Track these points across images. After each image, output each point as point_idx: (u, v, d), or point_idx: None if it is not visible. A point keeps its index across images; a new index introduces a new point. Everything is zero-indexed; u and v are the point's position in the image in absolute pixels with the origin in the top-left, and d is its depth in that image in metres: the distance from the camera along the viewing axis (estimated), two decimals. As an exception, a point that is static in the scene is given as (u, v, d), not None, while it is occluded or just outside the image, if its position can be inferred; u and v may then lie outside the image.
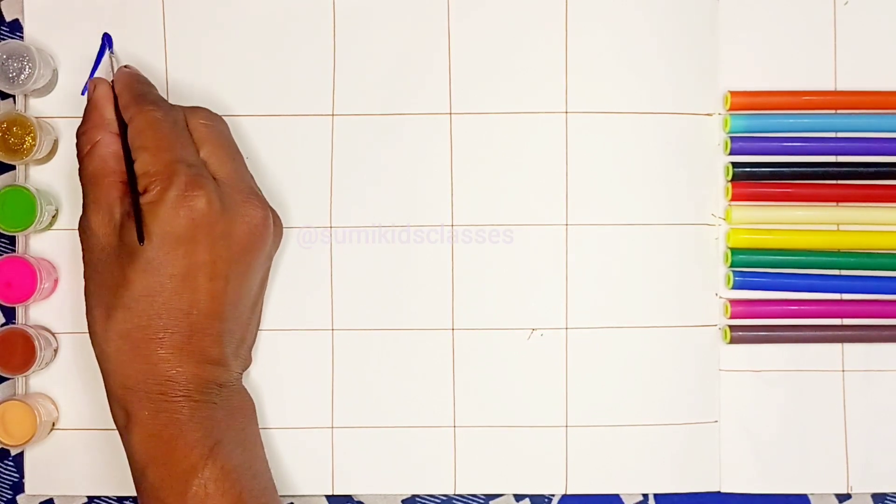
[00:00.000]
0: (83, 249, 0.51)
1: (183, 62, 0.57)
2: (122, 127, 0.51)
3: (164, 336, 0.49)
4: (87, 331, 0.56)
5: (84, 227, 0.50)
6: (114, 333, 0.49)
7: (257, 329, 0.56)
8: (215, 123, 0.53)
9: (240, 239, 0.51)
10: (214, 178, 0.51)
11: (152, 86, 0.54)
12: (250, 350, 0.55)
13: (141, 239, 0.48)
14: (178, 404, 0.49)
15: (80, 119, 0.52)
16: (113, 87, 0.53)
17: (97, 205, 0.50)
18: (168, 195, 0.48)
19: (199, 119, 0.52)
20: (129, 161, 0.50)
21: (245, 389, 0.53)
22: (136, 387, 0.49)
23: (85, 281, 0.51)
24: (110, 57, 0.56)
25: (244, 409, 0.52)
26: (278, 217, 0.54)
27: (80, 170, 0.51)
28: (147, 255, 0.48)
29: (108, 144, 0.51)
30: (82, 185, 0.51)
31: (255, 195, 0.52)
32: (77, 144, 0.52)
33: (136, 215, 0.49)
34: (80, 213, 0.51)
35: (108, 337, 0.49)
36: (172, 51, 0.57)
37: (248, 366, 0.55)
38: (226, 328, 0.51)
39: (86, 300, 0.51)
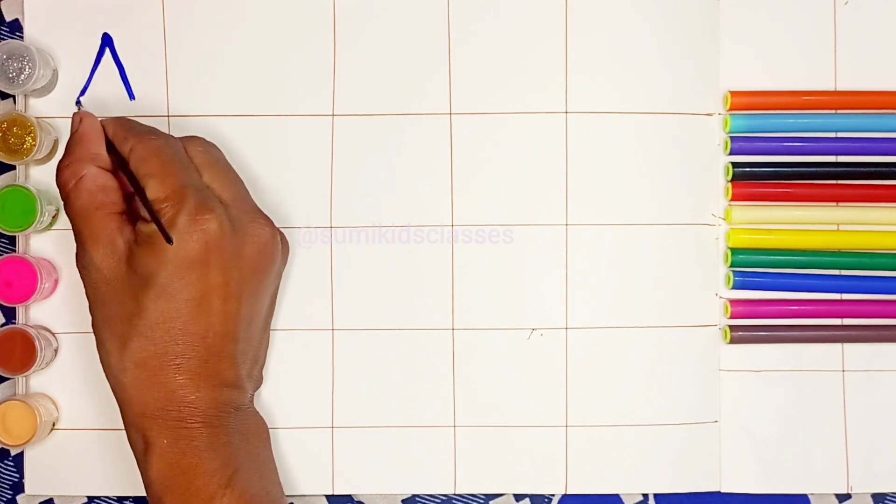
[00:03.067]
0: (86, 285, 0.50)
1: (183, 62, 0.57)
2: (117, 160, 0.51)
3: (182, 361, 0.49)
4: (87, 331, 0.56)
5: (85, 264, 0.50)
6: (130, 363, 0.49)
7: (267, 348, 0.56)
8: (212, 150, 0.53)
9: (250, 259, 0.51)
10: (220, 201, 0.51)
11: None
12: (262, 370, 0.55)
13: (169, 240, 0.48)
14: (197, 431, 0.49)
15: (63, 152, 0.51)
16: (104, 128, 0.52)
17: (95, 239, 0.49)
18: (179, 219, 0.48)
19: (196, 147, 0.52)
20: (138, 190, 0.49)
21: (258, 412, 0.53)
22: (154, 414, 0.49)
23: (92, 315, 0.50)
24: (78, 108, 0.55)
25: (259, 432, 0.52)
26: (284, 235, 0.54)
27: (65, 205, 0.50)
28: (161, 282, 0.48)
29: (95, 177, 0.50)
30: (71, 220, 0.50)
31: (260, 215, 0.52)
32: (59, 179, 0.50)
33: (157, 224, 0.48)
34: (75, 248, 0.50)
35: (125, 367, 0.49)
36: (172, 51, 0.57)
37: (259, 386, 0.55)
38: (240, 349, 0.51)
39: (95, 334, 0.50)
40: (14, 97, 0.56)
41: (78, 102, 0.56)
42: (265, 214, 0.52)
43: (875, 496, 0.58)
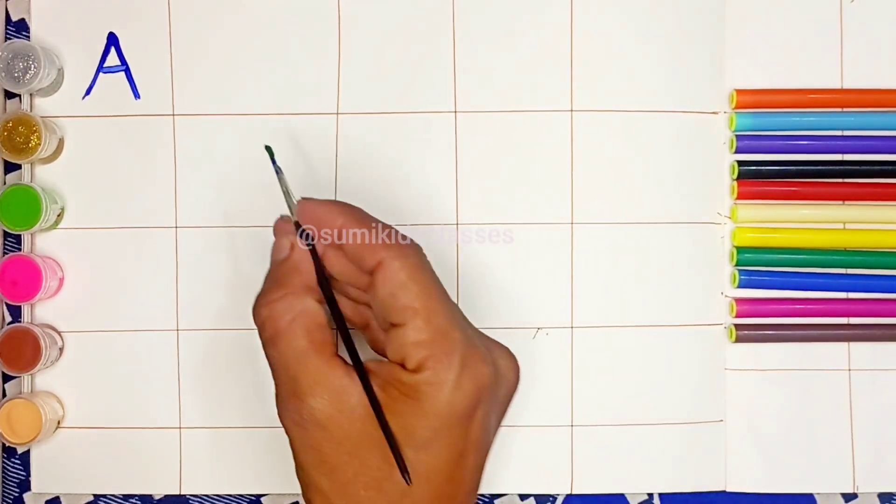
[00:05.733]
0: (297, 444, 0.43)
1: (188, 61, 0.57)
2: (327, 293, 0.44)
3: None
4: (92, 329, 0.56)
5: (301, 418, 0.42)
6: None
7: None
8: (422, 260, 0.45)
9: (503, 401, 0.45)
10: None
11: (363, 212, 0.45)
12: None
13: (407, 478, 0.41)
14: None
15: (266, 283, 0.44)
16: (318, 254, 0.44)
17: (317, 389, 0.41)
18: (450, 375, 0.41)
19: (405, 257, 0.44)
20: (347, 340, 0.43)
21: None
22: None
23: (306, 472, 0.43)
24: (280, 179, 0.47)
25: None
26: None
27: (271, 348, 0.43)
28: (419, 440, 0.41)
29: (315, 315, 0.43)
30: (279, 367, 0.43)
31: (500, 347, 0.46)
32: (261, 316, 0.43)
33: (388, 440, 0.41)
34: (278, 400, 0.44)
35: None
36: (178, 50, 0.57)
37: None
38: (472, 502, 0.45)
39: (311, 497, 0.43)
40: (20, 96, 0.56)
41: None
42: (499, 343, 0.46)
43: (882, 496, 0.58)
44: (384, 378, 0.42)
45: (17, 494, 0.58)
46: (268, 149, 0.48)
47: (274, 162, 0.48)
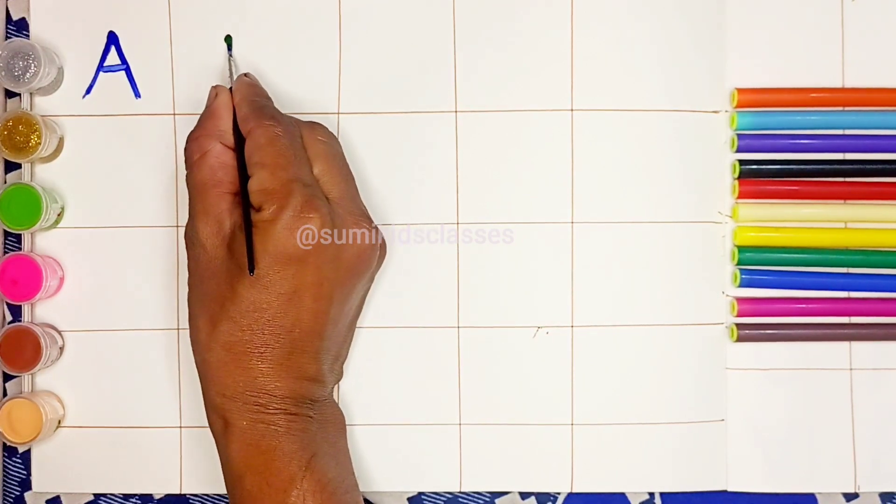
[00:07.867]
0: (189, 257, 0.51)
1: (188, 61, 0.57)
2: (239, 140, 0.51)
3: (266, 351, 0.49)
4: (92, 329, 0.56)
5: (191, 236, 0.50)
6: (217, 344, 0.49)
7: (350, 345, 0.56)
8: (331, 141, 0.53)
9: (347, 261, 0.51)
10: (327, 198, 0.51)
11: (270, 98, 0.54)
12: (343, 365, 0.55)
13: (251, 268, 0.48)
14: (276, 416, 0.49)
15: (195, 124, 0.52)
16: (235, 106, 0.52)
17: (206, 215, 0.50)
18: (283, 215, 0.48)
19: (317, 135, 0.52)
20: (242, 176, 0.50)
21: (336, 403, 0.54)
22: (234, 396, 0.49)
23: (189, 288, 0.51)
24: (229, 61, 0.56)
25: (336, 422, 0.53)
26: (383, 238, 0.54)
27: (188, 176, 0.51)
28: (257, 273, 0.48)
29: (219, 154, 0.51)
30: (189, 191, 0.51)
31: (365, 218, 0.52)
32: (186, 150, 0.51)
33: (247, 240, 0.48)
34: (187, 219, 0.51)
35: (212, 347, 0.49)
36: (178, 50, 0.57)
37: (339, 380, 0.55)
38: (324, 346, 0.51)
39: (189, 307, 0.51)
40: (20, 95, 0.56)
41: (227, 48, 0.57)
42: (370, 217, 0.53)
43: (883, 495, 0.57)
44: (239, 219, 0.50)
45: (17, 493, 0.58)
46: (227, 38, 0.57)
47: (230, 49, 0.57)
